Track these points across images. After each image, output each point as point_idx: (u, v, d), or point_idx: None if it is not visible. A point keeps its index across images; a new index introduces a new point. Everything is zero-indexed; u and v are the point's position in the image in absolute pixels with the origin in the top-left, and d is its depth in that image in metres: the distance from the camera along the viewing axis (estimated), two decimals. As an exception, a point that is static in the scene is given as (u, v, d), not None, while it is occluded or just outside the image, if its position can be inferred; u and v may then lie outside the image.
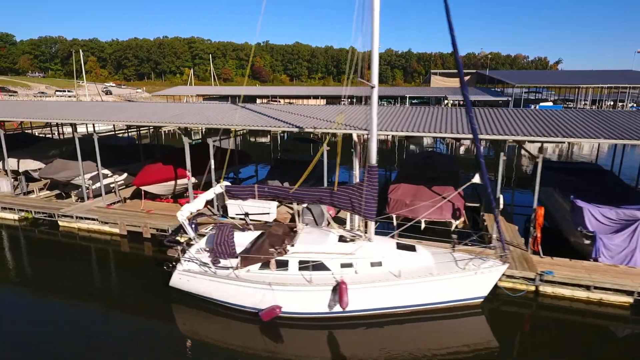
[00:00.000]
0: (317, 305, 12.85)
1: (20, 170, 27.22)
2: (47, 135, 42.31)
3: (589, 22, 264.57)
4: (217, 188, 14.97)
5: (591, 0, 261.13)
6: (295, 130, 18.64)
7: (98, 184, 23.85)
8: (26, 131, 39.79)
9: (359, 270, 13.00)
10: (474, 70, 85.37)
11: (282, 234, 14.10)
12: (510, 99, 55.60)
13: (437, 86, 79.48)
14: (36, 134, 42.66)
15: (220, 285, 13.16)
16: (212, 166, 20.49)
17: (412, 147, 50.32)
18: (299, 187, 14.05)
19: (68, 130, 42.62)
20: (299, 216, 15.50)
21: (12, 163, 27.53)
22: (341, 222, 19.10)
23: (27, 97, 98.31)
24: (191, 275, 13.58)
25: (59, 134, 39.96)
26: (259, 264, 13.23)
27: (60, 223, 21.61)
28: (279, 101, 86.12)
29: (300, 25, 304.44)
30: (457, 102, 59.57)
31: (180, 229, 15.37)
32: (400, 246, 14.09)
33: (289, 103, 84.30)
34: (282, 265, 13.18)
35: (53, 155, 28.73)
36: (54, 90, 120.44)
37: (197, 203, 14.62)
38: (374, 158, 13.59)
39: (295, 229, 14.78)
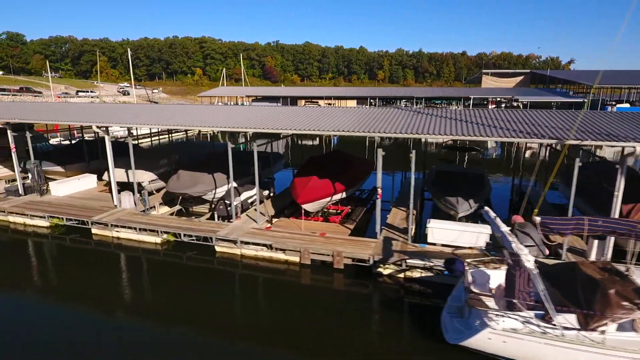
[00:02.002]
0: None
1: (132, 182, 23.69)
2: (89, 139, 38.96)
3: (599, 22, 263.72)
4: (502, 225, 11.56)
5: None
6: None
7: (238, 200, 20.53)
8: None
9: None
10: (528, 70, 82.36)
11: (609, 277, 10.89)
12: (585, 100, 52.78)
13: (488, 87, 76.43)
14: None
15: (572, 353, 9.90)
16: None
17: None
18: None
19: (113, 134, 38.96)
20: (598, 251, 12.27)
21: (118, 174, 24.02)
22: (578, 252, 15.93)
23: (51, 98, 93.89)
24: (515, 337, 10.30)
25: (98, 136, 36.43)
26: (611, 324, 10.00)
27: (217, 248, 18.19)
28: (318, 102, 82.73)
29: (310, 25, 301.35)
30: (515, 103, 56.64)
31: (456, 264, 12.08)
32: None
33: (329, 104, 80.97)
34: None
35: (164, 165, 25.26)
36: (74, 90, 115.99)
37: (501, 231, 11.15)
38: None
39: (613, 269, 11.52)
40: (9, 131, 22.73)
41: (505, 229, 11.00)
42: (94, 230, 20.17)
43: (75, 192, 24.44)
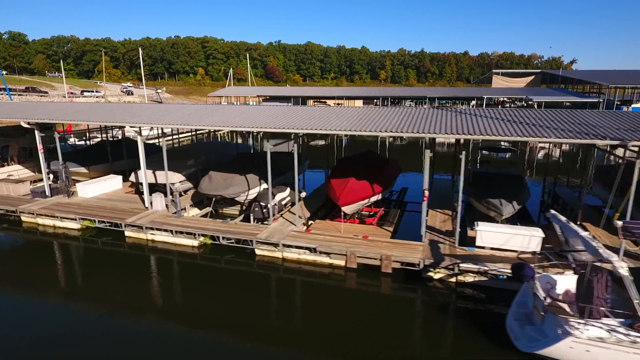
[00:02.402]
0: None
1: (160, 183, 23.23)
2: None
3: (601, 22, 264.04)
4: (580, 229, 11.15)
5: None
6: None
7: (273, 202, 20.08)
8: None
9: None
10: (539, 70, 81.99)
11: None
12: (600, 100, 52.39)
13: (498, 86, 76.02)
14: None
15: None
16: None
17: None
18: None
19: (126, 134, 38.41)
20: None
21: (142, 175, 23.53)
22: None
23: (57, 98, 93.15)
24: (600, 346, 9.90)
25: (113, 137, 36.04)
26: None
27: (258, 252, 17.75)
28: (326, 102, 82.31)
29: (312, 25, 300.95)
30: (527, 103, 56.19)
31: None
32: None
33: (338, 104, 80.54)
34: None
35: (191, 166, 24.79)
36: (78, 90, 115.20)
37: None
38: None
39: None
40: (36, 132, 22.23)
41: (584, 233, 10.61)
42: (127, 233, 19.72)
43: (102, 194, 23.96)
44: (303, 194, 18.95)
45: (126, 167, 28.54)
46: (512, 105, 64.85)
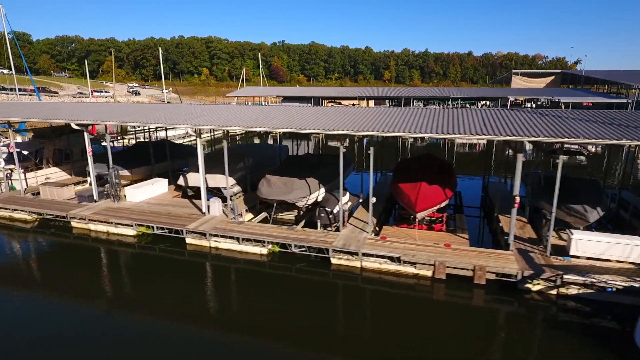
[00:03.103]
0: None
1: (211, 187, 22.23)
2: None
3: (601, 21, 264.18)
4: None
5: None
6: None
7: (337, 207, 19.11)
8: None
9: None
10: (559, 70, 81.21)
11: None
12: (629, 100, 51.61)
13: (518, 87, 75.16)
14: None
15: None
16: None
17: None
18: None
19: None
20: None
21: (192, 179, 22.56)
22: None
23: (66, 98, 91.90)
24: None
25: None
26: None
27: (334, 261, 16.75)
28: (341, 103, 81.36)
29: (315, 25, 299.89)
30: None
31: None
32: None
33: (352, 105, 79.55)
34: None
35: (240, 169, 23.78)
36: (86, 90, 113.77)
37: None
38: None
39: None
40: (85, 134, 21.16)
41: None
42: (188, 240, 18.69)
43: (149, 198, 22.92)
44: (374, 199, 17.93)
45: (168, 169, 27.55)
46: (534, 106, 64.02)
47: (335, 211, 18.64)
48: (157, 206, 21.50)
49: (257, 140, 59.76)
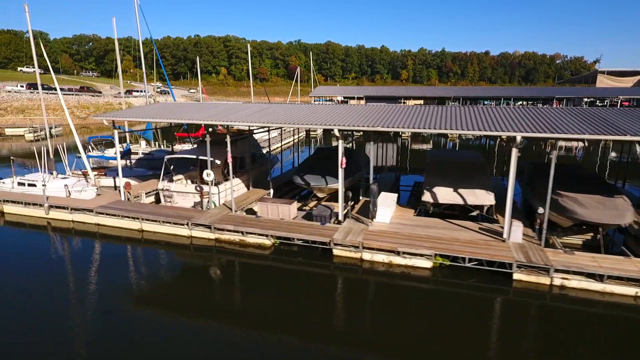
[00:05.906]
0: None
1: (469, 205, 18.16)
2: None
3: (621, 23, 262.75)
4: None
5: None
6: None
7: None
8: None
9: None
10: None
11: None
12: None
13: (604, 86, 71.67)
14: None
15: None
16: None
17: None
18: None
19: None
20: None
21: (443, 194, 18.50)
22: None
23: (109, 98, 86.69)
24: None
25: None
26: None
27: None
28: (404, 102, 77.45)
29: (331, 24, 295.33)
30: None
31: None
32: None
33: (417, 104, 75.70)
34: None
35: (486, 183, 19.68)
36: (117, 90, 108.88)
37: None
38: None
39: None
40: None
41: None
42: (516, 276, 14.51)
43: (392, 217, 18.72)
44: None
45: (359, 180, 23.48)
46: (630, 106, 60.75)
47: None
48: (420, 229, 17.22)
49: (334, 143, 55.59)
